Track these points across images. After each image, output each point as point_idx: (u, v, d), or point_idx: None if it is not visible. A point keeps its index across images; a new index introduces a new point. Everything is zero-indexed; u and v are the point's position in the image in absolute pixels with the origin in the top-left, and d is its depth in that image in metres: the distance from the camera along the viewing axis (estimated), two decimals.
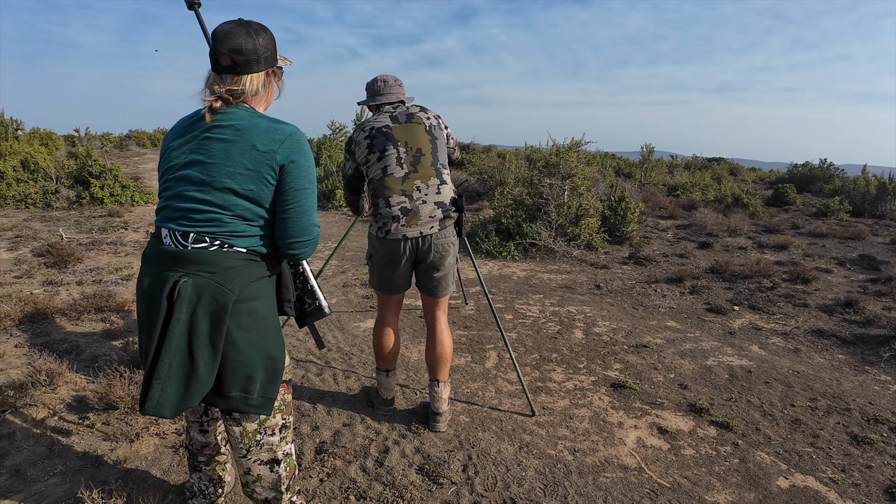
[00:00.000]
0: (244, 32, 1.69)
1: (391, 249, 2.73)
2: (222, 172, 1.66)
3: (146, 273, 1.74)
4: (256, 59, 1.72)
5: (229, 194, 1.67)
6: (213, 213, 1.67)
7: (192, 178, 1.69)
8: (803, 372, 3.99)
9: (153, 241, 1.75)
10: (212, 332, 1.67)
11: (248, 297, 1.72)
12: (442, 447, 2.84)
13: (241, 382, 1.75)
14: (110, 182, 10.31)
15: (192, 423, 2.07)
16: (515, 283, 6.22)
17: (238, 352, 1.72)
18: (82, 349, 3.79)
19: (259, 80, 1.76)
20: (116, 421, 2.93)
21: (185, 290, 1.63)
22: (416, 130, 2.76)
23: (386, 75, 2.91)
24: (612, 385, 3.66)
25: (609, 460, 2.82)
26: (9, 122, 13.71)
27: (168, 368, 1.63)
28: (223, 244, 1.69)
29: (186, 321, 1.64)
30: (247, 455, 1.91)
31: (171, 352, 1.63)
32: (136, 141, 27.88)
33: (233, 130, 1.68)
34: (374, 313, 4.91)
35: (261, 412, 1.80)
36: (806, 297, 5.82)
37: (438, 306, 2.95)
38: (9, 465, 2.55)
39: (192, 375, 1.66)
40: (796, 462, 2.88)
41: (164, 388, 1.64)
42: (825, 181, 16.63)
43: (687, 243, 8.63)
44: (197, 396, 1.69)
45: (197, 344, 1.65)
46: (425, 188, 2.70)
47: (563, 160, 7.77)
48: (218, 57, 1.69)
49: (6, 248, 6.74)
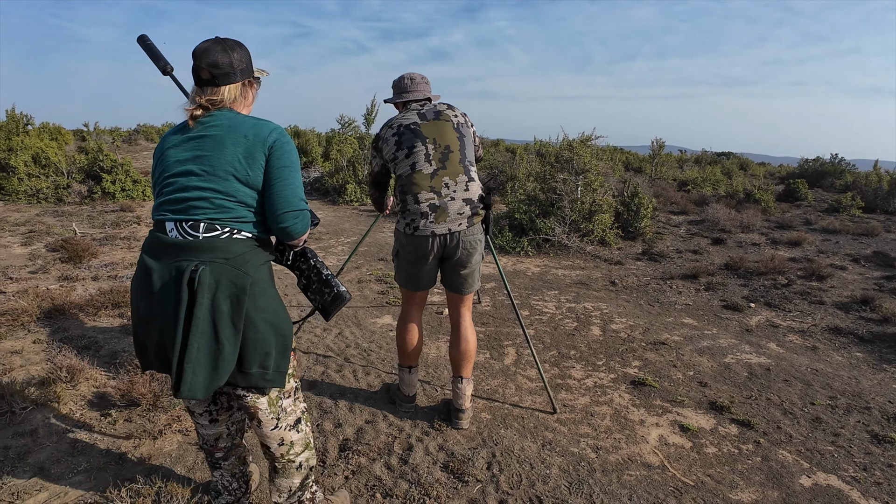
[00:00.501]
0: (220, 49, 1.85)
1: (419, 246, 2.72)
2: (222, 161, 1.79)
3: (151, 268, 1.80)
4: (232, 72, 1.87)
5: (232, 180, 1.80)
6: (219, 200, 1.79)
7: (194, 170, 1.81)
8: (822, 370, 3.98)
9: (154, 237, 1.84)
10: (233, 313, 1.78)
11: (259, 279, 1.86)
12: (465, 444, 2.85)
13: (260, 359, 1.87)
14: (121, 177, 10.33)
15: (199, 415, 2.10)
16: (530, 279, 6.22)
17: (256, 330, 1.84)
18: (101, 345, 3.82)
19: (236, 90, 1.91)
20: (138, 418, 2.95)
21: (205, 277, 1.73)
22: (444, 128, 2.75)
23: (413, 73, 2.91)
24: (632, 382, 3.66)
25: (632, 458, 2.82)
26: (19, 118, 13.75)
27: (196, 352, 1.73)
28: (232, 231, 1.82)
29: (209, 306, 1.75)
30: (278, 424, 2.02)
31: (197, 336, 1.73)
32: (144, 135, 27.91)
33: (223, 127, 1.83)
34: (390, 308, 4.92)
35: (276, 385, 1.93)
36: (822, 295, 5.79)
37: (464, 303, 2.95)
38: (32, 462, 2.57)
39: (218, 356, 1.77)
40: (818, 461, 2.88)
41: (194, 371, 1.74)
42: (836, 176, 16.53)
43: (700, 239, 8.60)
44: (224, 375, 1.80)
45: (220, 326, 1.76)
46: (454, 185, 2.70)
47: (577, 155, 7.75)
48: (198, 71, 1.85)
49: (20, 242, 6.78)
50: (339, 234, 8.32)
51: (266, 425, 2.01)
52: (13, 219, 8.16)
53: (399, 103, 2.93)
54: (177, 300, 1.74)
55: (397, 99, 2.91)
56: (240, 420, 2.24)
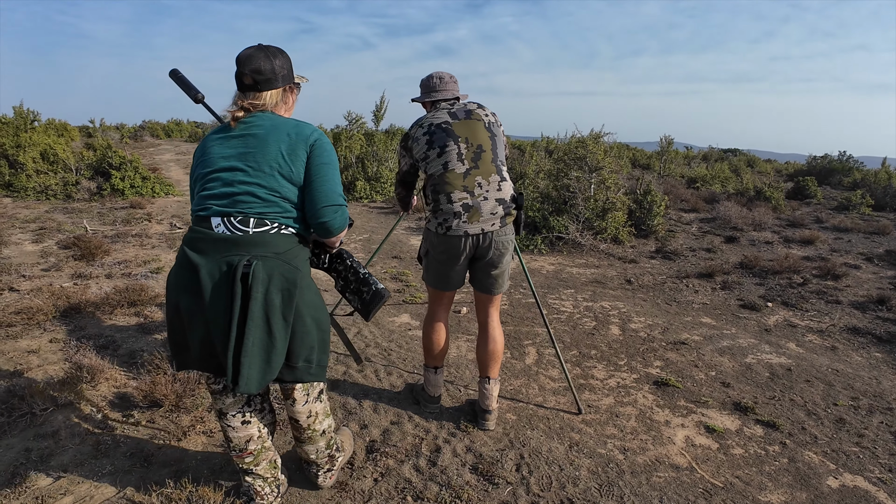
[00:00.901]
0: (263, 55, 1.93)
1: (451, 246, 2.69)
2: (267, 157, 1.86)
3: (197, 263, 1.81)
4: (274, 78, 1.97)
5: (277, 176, 1.87)
6: (265, 195, 1.86)
7: (240, 166, 1.86)
8: (842, 370, 3.96)
9: (197, 232, 1.85)
10: (284, 307, 1.85)
11: (306, 273, 1.95)
12: (493, 446, 2.83)
13: (306, 352, 1.96)
14: (130, 173, 10.32)
15: (232, 416, 2.10)
16: (545, 278, 6.20)
17: (303, 324, 1.92)
18: (119, 344, 3.81)
19: (277, 95, 2.01)
20: (161, 419, 2.94)
21: (258, 272, 1.79)
22: (476, 127, 2.72)
23: (441, 72, 2.87)
24: (655, 383, 3.64)
25: (660, 459, 2.81)
26: (26, 114, 13.77)
27: (252, 346, 1.79)
28: (280, 226, 1.88)
29: (262, 300, 1.80)
30: (308, 399, 2.18)
31: (252, 330, 1.78)
32: (150, 132, 27.96)
33: (265, 126, 1.91)
34: (406, 307, 4.91)
35: (318, 380, 2.06)
36: (837, 294, 5.77)
37: (493, 303, 2.92)
38: (56, 464, 2.54)
39: (271, 350, 1.84)
40: (844, 462, 2.86)
41: (250, 365, 1.79)
42: (844, 174, 16.46)
43: (713, 237, 8.57)
44: (276, 369, 1.88)
45: (273, 320, 1.83)
46: (486, 184, 2.66)
47: (590, 153, 7.72)
48: (241, 77, 1.94)
49: (31, 240, 6.77)
50: (350, 231, 8.31)
51: (299, 402, 2.15)
52: (23, 216, 8.15)
53: (427, 102, 2.89)
54: (231, 295, 1.78)
55: (426, 98, 2.88)
56: (270, 423, 2.28)
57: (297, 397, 2.14)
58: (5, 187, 10.05)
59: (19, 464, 2.54)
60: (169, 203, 9.88)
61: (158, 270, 5.58)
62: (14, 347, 3.68)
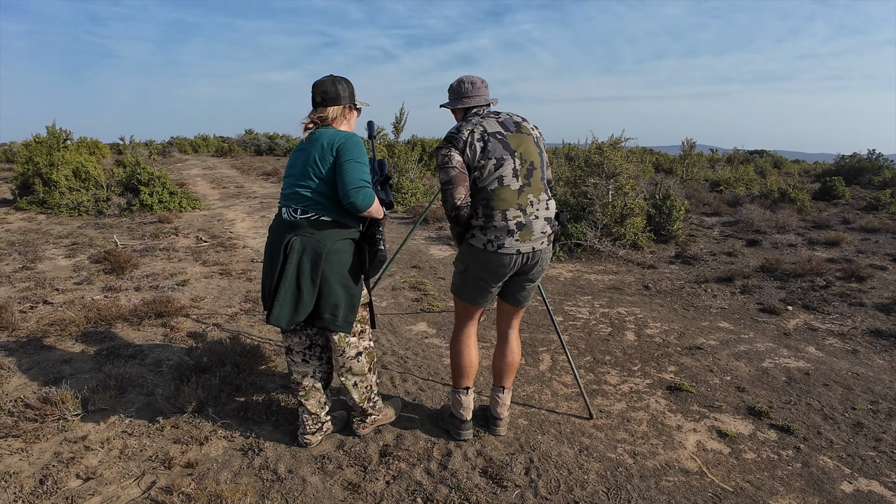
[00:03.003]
0: (330, 81, 2.63)
1: (500, 264, 2.63)
2: (308, 163, 2.54)
3: (271, 236, 2.65)
4: (336, 97, 2.63)
5: (313, 177, 2.53)
6: (306, 192, 2.54)
7: (295, 172, 2.61)
8: (863, 374, 3.92)
9: (277, 217, 2.67)
10: (312, 272, 2.54)
11: (335, 250, 2.55)
12: (503, 450, 2.89)
13: (331, 308, 2.60)
14: (158, 189, 10.62)
15: (297, 353, 2.80)
16: (563, 285, 6.23)
17: (329, 286, 2.57)
18: (146, 354, 3.95)
19: (338, 110, 2.66)
20: (185, 424, 3.06)
21: (295, 245, 2.53)
22: (527, 142, 2.66)
23: (472, 76, 2.75)
24: (668, 388, 3.65)
25: (670, 464, 2.83)
26: (59, 133, 14.21)
27: (284, 294, 2.53)
28: (318, 215, 2.54)
29: (296, 264, 2.53)
30: (343, 353, 2.76)
31: (285, 284, 2.52)
32: (178, 147, 28.55)
33: (314, 140, 2.59)
34: (424, 315, 4.98)
35: (343, 331, 2.66)
36: (861, 296, 5.69)
37: (517, 315, 2.93)
38: (84, 467, 2.68)
39: (298, 301, 2.56)
40: (860, 466, 2.85)
41: (281, 307, 2.54)
42: (874, 173, 16.13)
43: (734, 241, 8.49)
44: (301, 315, 2.56)
45: (302, 280, 2.54)
46: (537, 203, 2.63)
47: (607, 159, 7.73)
48: (314, 96, 2.64)
49: (64, 254, 7.02)
50: None
51: (335, 352, 2.79)
52: (56, 231, 8.44)
53: (459, 109, 2.79)
54: (278, 259, 2.54)
55: (457, 104, 2.76)
56: (325, 373, 2.90)
57: (332, 347, 2.80)
58: (40, 204, 10.41)
59: (51, 466, 2.68)
60: (195, 217, 10.12)
61: (184, 283, 5.74)
62: (48, 357, 3.85)
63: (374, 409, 2.95)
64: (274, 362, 3.85)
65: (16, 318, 4.42)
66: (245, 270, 6.42)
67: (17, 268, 6.30)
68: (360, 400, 2.86)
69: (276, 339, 4.29)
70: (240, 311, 4.97)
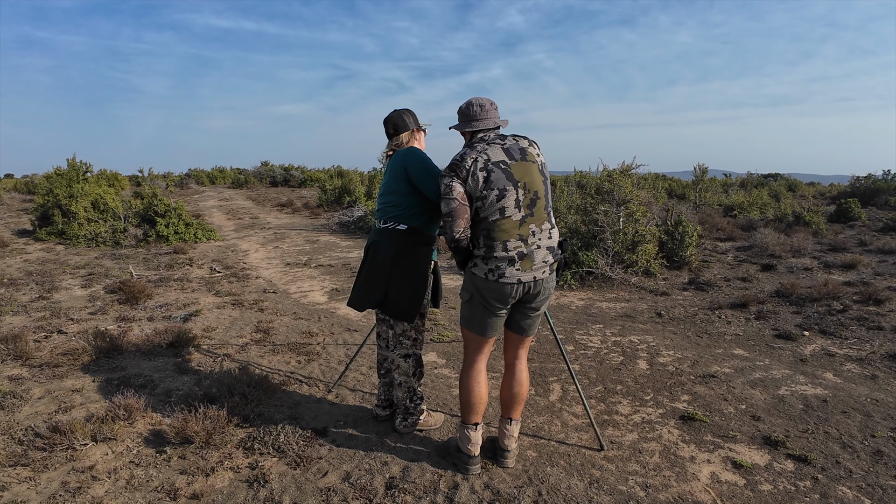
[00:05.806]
0: (397, 114, 3.17)
1: (503, 293, 2.64)
2: (387, 181, 3.10)
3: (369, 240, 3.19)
4: (404, 125, 3.18)
5: (394, 194, 3.03)
6: (388, 206, 3.07)
7: (381, 192, 3.15)
8: (882, 400, 3.83)
9: (374, 226, 3.17)
10: (383, 269, 3.03)
11: (405, 254, 3.03)
12: (511, 483, 2.84)
13: (395, 300, 3.05)
14: (174, 220, 10.77)
15: (381, 339, 3.37)
16: (574, 313, 6.18)
17: (397, 283, 3.04)
18: (157, 384, 3.96)
19: (408, 135, 3.20)
20: (192, 455, 3.05)
21: (374, 247, 3.09)
22: (531, 170, 2.64)
23: (481, 98, 2.75)
24: (681, 417, 3.59)
25: (683, 496, 2.76)
26: (79, 166, 14.49)
27: (360, 285, 3.17)
28: (396, 224, 3.03)
29: (371, 262, 3.10)
30: (394, 349, 3.22)
31: (361, 278, 3.17)
32: (195, 179, 28.92)
33: (389, 164, 3.13)
34: (434, 346, 4.96)
35: (405, 320, 3.08)
36: (880, 320, 5.59)
37: (524, 345, 2.91)
38: (91, 496, 2.68)
39: (369, 291, 3.10)
40: (880, 496, 2.77)
41: (355, 294, 3.20)
42: (890, 193, 15.97)
43: (749, 266, 8.41)
44: (369, 303, 3.12)
45: (375, 275, 3.06)
46: (539, 232, 2.64)
47: (618, 186, 7.72)
48: (386, 129, 3.20)
49: (80, 284, 7.11)
50: None
51: (390, 346, 3.28)
52: (74, 262, 8.56)
53: (467, 132, 2.78)
54: (366, 258, 3.16)
55: (466, 127, 2.75)
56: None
57: (389, 342, 3.28)
58: (58, 235, 10.59)
59: (58, 496, 2.67)
60: (210, 248, 10.22)
61: (197, 313, 5.78)
62: (60, 386, 3.87)
63: (416, 410, 3.31)
64: (282, 393, 3.84)
65: (30, 348, 4.46)
66: (257, 300, 6.45)
67: (34, 297, 6.39)
68: (402, 397, 3.27)
69: (285, 370, 4.29)
70: (250, 341, 4.98)
